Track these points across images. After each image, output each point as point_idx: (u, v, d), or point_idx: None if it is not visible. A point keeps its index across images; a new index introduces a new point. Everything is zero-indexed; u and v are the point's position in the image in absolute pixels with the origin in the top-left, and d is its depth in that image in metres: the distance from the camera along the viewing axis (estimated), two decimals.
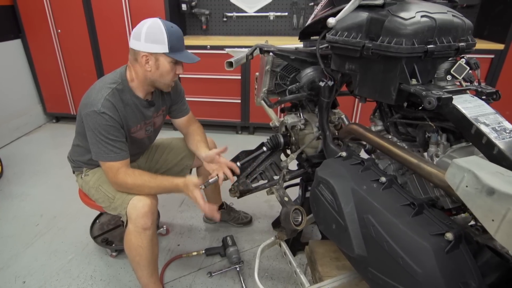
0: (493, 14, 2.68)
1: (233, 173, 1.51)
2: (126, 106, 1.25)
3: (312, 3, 3.00)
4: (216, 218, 1.26)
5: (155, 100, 1.37)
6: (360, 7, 0.87)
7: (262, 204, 2.11)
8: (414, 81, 0.80)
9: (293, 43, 1.53)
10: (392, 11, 0.81)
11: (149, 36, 1.15)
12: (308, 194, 1.62)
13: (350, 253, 0.83)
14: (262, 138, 3.13)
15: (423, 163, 0.78)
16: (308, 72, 1.14)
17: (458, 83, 0.92)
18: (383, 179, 0.84)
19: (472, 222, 0.88)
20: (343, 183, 0.88)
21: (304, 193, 1.61)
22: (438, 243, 0.68)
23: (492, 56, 2.55)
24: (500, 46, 2.52)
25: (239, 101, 3.02)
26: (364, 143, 1.42)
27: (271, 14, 3.11)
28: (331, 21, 0.77)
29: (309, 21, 1.15)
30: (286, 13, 3.10)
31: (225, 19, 3.18)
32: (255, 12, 3.14)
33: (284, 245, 1.13)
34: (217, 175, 1.48)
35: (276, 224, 1.92)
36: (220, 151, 1.38)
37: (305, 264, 1.27)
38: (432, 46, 0.78)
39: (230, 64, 1.23)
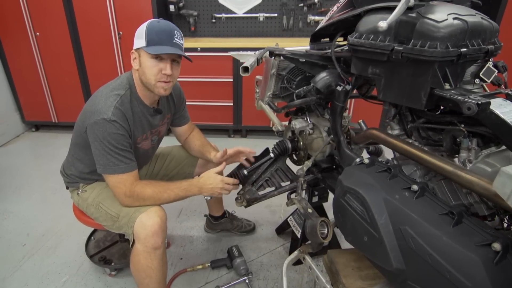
0: None
1: (240, 179, 1.46)
2: (134, 114, 1.17)
3: (301, 4, 2.99)
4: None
5: (162, 107, 1.30)
6: (387, 9, 0.84)
7: (264, 210, 2.06)
8: (447, 86, 0.77)
9: (286, 44, 1.50)
10: (423, 13, 0.78)
11: (137, 32, 1.13)
12: (314, 200, 1.59)
13: (387, 266, 0.79)
14: (255, 141, 3.10)
15: (460, 171, 0.76)
16: (323, 76, 1.09)
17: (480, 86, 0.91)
18: (415, 187, 0.81)
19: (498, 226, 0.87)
20: (374, 193, 0.84)
21: (311, 199, 1.57)
22: (486, 254, 0.66)
23: None
24: None
25: (231, 104, 2.95)
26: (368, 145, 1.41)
27: (261, 15, 3.07)
28: (383, 24, 0.73)
29: (322, 23, 1.10)
30: (276, 14, 3.06)
31: (213, 20, 3.11)
32: (244, 13, 3.08)
33: (309, 259, 1.08)
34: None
35: (280, 230, 1.87)
36: (223, 154, 1.40)
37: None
38: (465, 49, 0.76)
39: (246, 69, 1.17)
